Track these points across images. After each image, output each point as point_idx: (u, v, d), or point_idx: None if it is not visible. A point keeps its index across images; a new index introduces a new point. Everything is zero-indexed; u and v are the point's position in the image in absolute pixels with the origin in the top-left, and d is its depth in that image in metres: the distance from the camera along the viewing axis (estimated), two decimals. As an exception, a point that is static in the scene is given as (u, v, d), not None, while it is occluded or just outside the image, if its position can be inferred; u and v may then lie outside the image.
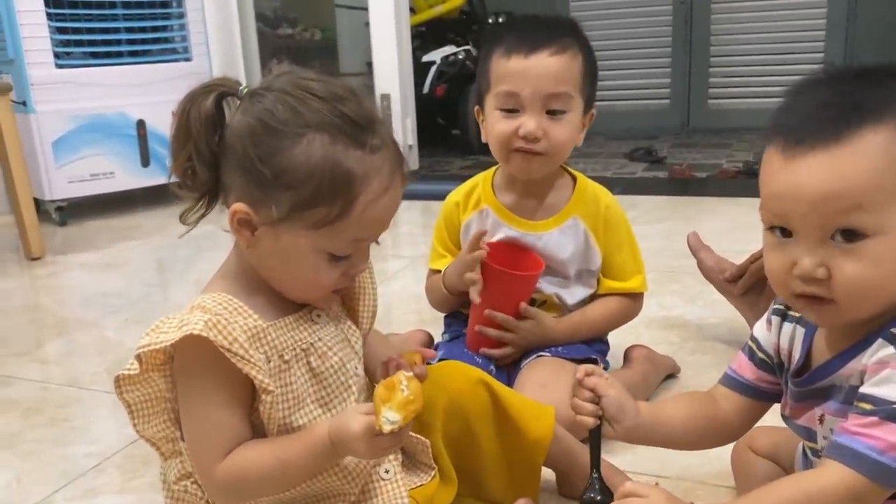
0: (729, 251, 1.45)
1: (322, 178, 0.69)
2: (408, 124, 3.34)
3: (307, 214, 0.71)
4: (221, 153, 0.73)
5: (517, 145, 1.10)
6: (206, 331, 0.68)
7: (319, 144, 0.70)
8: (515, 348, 1.15)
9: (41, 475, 1.10)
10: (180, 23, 2.92)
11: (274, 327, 0.75)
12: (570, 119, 1.11)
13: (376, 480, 0.80)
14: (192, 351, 0.71)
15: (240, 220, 0.73)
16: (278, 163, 0.70)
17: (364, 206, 0.71)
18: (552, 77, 1.07)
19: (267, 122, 0.70)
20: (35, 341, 1.68)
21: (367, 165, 0.71)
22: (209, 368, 0.71)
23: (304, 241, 0.72)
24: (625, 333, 1.30)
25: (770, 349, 0.76)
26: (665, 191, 2.85)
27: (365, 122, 0.72)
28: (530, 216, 1.18)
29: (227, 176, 0.74)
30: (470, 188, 1.23)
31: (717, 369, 1.31)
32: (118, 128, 2.76)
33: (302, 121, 0.70)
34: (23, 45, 2.53)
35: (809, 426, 0.71)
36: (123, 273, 2.18)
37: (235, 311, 0.73)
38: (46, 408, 1.32)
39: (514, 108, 1.10)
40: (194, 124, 0.73)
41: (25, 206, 2.25)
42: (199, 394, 0.73)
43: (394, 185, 0.74)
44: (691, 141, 3.93)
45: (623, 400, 0.79)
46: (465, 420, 0.87)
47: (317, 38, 4.02)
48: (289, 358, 0.75)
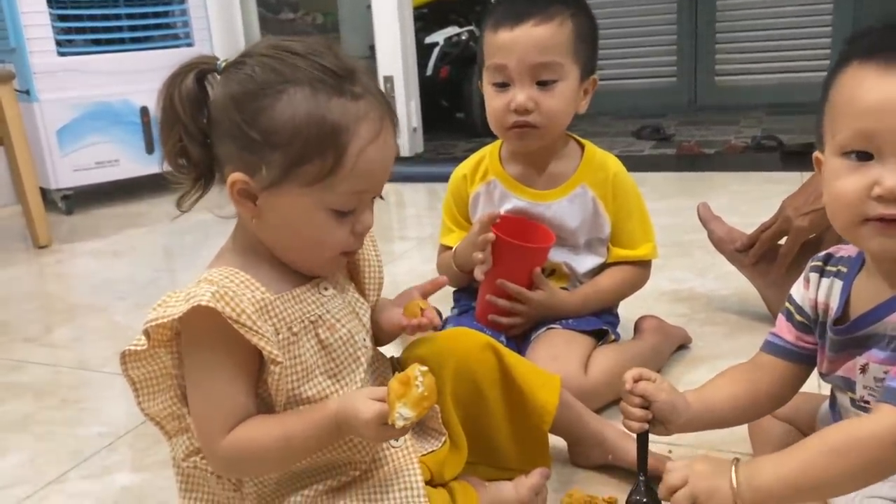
0: (738, 224, 1.44)
1: (309, 132, 0.69)
2: (412, 107, 3.32)
3: (301, 171, 0.70)
4: (210, 129, 0.73)
5: (511, 121, 1.10)
6: (213, 302, 0.68)
7: (301, 98, 0.69)
8: (526, 319, 1.14)
9: (55, 455, 1.10)
10: (181, 8, 2.90)
11: (281, 299, 0.74)
12: (563, 88, 1.09)
13: (386, 448, 0.79)
14: (199, 323, 0.70)
15: (239, 190, 0.72)
16: (264, 123, 0.70)
17: (356, 154, 0.70)
18: (538, 47, 1.07)
19: (248, 85, 0.70)
20: (45, 327, 1.68)
21: (351, 113, 0.70)
22: (217, 341, 0.70)
23: (306, 200, 0.72)
24: (635, 307, 1.29)
25: (807, 306, 0.76)
26: (673, 167, 2.83)
27: (344, 71, 0.71)
28: (538, 186, 1.17)
29: (219, 150, 0.73)
30: (477, 160, 1.22)
31: (729, 340, 1.32)
32: (122, 115, 2.75)
33: (282, 78, 0.70)
34: (24, 34, 2.52)
35: (849, 376, 0.71)
36: (130, 259, 2.18)
37: (242, 284, 0.72)
38: (58, 390, 1.32)
39: (504, 81, 1.09)
40: (179, 105, 0.72)
41: (32, 195, 2.25)
42: (205, 367, 0.72)
43: (384, 132, 0.73)
44: (699, 118, 3.90)
45: (674, 400, 0.78)
46: (474, 382, 0.87)
47: (319, 21, 3.99)
48: (297, 330, 0.74)
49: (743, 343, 1.27)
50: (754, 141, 2.98)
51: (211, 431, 0.72)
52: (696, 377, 1.17)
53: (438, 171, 2.59)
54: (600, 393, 1.07)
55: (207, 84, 0.74)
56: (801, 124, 3.47)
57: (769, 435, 0.88)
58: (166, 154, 0.75)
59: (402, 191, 2.72)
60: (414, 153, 3.35)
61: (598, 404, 1.06)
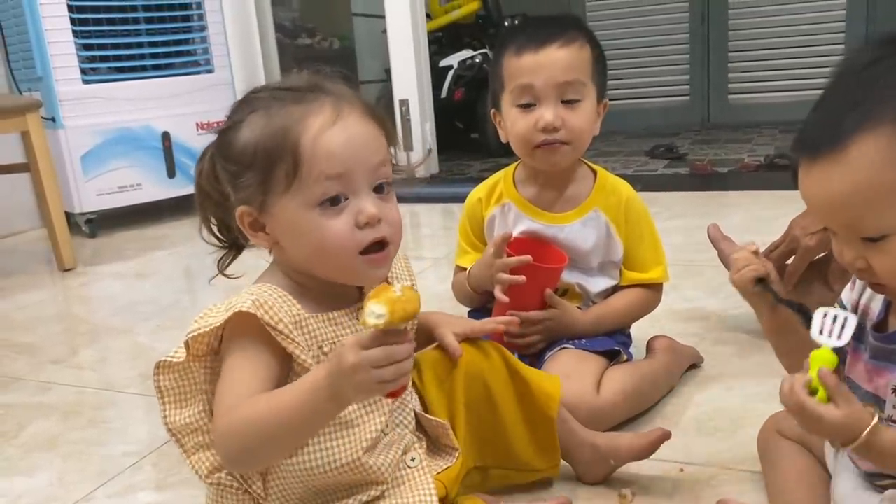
0: (750, 243, 1.45)
1: (264, 144, 0.74)
2: (427, 129, 3.37)
3: (275, 181, 0.74)
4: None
5: (539, 140, 1.13)
6: (253, 308, 0.72)
7: (258, 119, 0.75)
8: (541, 338, 1.16)
9: (82, 474, 1.13)
10: (201, 36, 2.97)
11: (315, 319, 0.77)
12: (586, 107, 1.14)
13: (403, 469, 0.82)
14: (238, 329, 0.74)
15: (249, 223, 0.78)
16: (233, 151, 0.76)
17: (312, 144, 0.73)
18: (564, 66, 1.11)
19: (221, 130, 0.78)
20: (70, 349, 1.72)
21: (296, 113, 0.74)
22: (252, 341, 0.73)
23: (293, 205, 0.75)
24: (647, 325, 1.31)
25: (850, 307, 0.76)
26: (686, 186, 2.84)
27: (307, 85, 0.77)
28: (552, 209, 1.20)
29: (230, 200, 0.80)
30: (492, 184, 1.25)
31: (740, 358, 1.33)
32: (144, 140, 2.82)
33: (245, 111, 0.77)
34: (51, 63, 2.60)
35: (879, 394, 0.69)
36: (153, 281, 2.23)
37: (280, 300, 0.75)
38: (84, 411, 1.36)
39: (530, 102, 1.13)
40: (204, 186, 0.81)
41: (57, 219, 2.30)
42: (235, 360, 0.74)
43: (343, 117, 0.74)
44: (712, 137, 3.91)
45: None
46: (484, 383, 0.90)
47: (335, 46, 4.06)
48: (327, 350, 0.77)
49: (754, 362, 1.28)
50: (767, 159, 2.99)
51: (219, 414, 0.72)
52: (708, 396, 1.19)
53: (454, 192, 2.63)
54: (612, 412, 1.08)
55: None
56: (815, 142, 3.46)
57: (780, 453, 0.89)
58: (207, 229, 0.84)
59: (418, 211, 2.75)
60: (430, 174, 3.39)
61: (610, 424, 1.07)
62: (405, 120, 3.32)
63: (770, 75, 4.15)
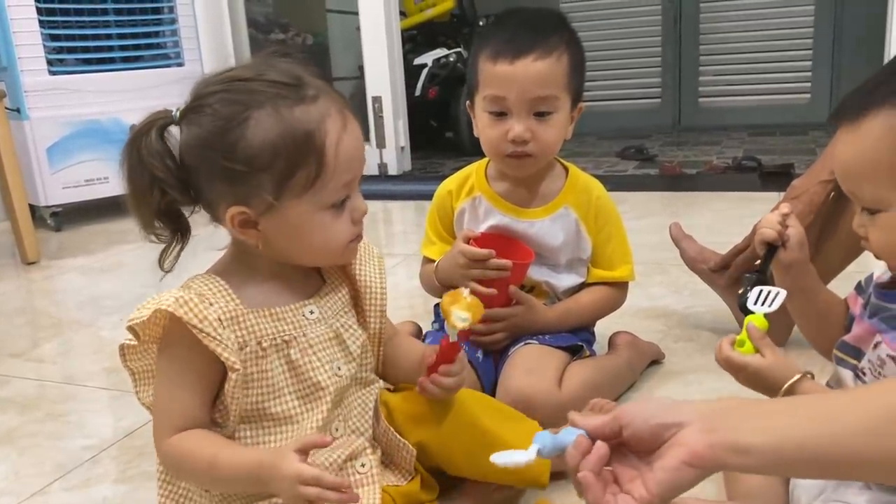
0: (716, 243, 1.48)
1: (287, 147, 0.72)
2: (399, 126, 3.37)
3: (292, 184, 0.73)
4: (188, 176, 0.75)
5: (508, 151, 1.12)
6: (174, 307, 0.72)
7: (267, 118, 0.73)
8: (506, 333, 1.17)
9: (39, 468, 1.12)
10: (172, 28, 2.94)
11: (255, 314, 0.77)
12: (557, 119, 1.13)
13: (351, 475, 0.81)
14: (170, 327, 0.75)
15: (240, 221, 0.76)
16: (243, 152, 0.72)
17: (334, 150, 0.74)
18: (538, 81, 1.09)
19: (215, 123, 0.73)
20: (31, 342, 1.70)
21: (315, 115, 0.74)
22: (182, 346, 0.74)
23: (305, 208, 0.75)
24: (612, 322, 1.32)
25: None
26: (655, 187, 2.88)
27: (293, 79, 0.75)
28: (522, 204, 1.20)
29: (207, 193, 0.76)
30: (464, 177, 1.25)
31: (702, 355, 1.35)
32: (112, 133, 2.77)
33: (243, 106, 0.73)
34: (16, 53, 2.55)
35: (860, 346, 0.74)
36: (118, 276, 2.20)
37: (219, 293, 0.76)
38: (43, 404, 1.34)
39: (501, 111, 1.12)
40: (150, 164, 0.74)
41: (21, 211, 2.27)
42: (166, 369, 0.77)
43: (348, 121, 0.77)
44: (682, 139, 3.96)
45: (805, 242, 0.83)
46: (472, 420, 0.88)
47: (309, 42, 4.04)
48: (266, 346, 0.77)
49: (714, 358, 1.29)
50: (735, 162, 3.03)
51: (160, 427, 0.77)
52: (668, 391, 1.20)
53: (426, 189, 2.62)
54: (574, 407, 1.08)
55: (167, 137, 0.76)
56: (782, 146, 3.53)
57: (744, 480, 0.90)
58: (142, 221, 0.77)
59: (391, 208, 2.75)
60: (402, 171, 3.39)
61: (572, 418, 1.08)
62: (378, 117, 3.31)
63: (740, 79, 4.21)
